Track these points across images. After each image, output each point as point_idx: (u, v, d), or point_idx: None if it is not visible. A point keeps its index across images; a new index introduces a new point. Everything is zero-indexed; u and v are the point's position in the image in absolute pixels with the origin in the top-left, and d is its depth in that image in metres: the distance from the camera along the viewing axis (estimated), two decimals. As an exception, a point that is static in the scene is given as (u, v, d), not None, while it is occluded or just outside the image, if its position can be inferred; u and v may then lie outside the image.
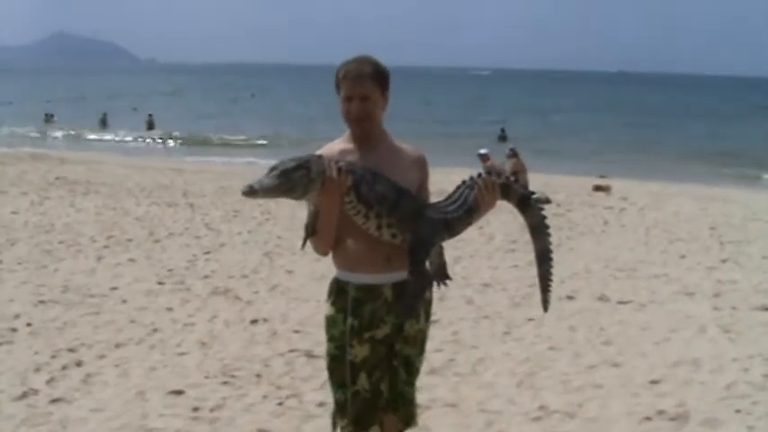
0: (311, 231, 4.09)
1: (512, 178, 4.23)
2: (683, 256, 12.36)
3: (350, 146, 4.18)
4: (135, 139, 42.11)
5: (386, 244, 4.04)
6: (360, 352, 4.09)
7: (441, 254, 4.38)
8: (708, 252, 12.74)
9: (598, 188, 20.83)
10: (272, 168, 3.82)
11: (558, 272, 10.99)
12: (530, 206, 4.26)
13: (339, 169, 3.87)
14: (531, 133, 43.87)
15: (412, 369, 4.29)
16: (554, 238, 13.14)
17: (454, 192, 4.13)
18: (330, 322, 4.20)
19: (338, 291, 4.19)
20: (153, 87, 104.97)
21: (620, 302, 9.61)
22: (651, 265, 11.69)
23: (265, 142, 39.98)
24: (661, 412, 6.30)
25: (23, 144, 35.03)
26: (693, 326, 8.68)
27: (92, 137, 42.86)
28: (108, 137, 42.92)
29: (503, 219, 13.71)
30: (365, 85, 4.07)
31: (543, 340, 8.15)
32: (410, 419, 4.33)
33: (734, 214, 16.85)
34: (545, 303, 4.47)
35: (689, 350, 7.85)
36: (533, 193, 4.36)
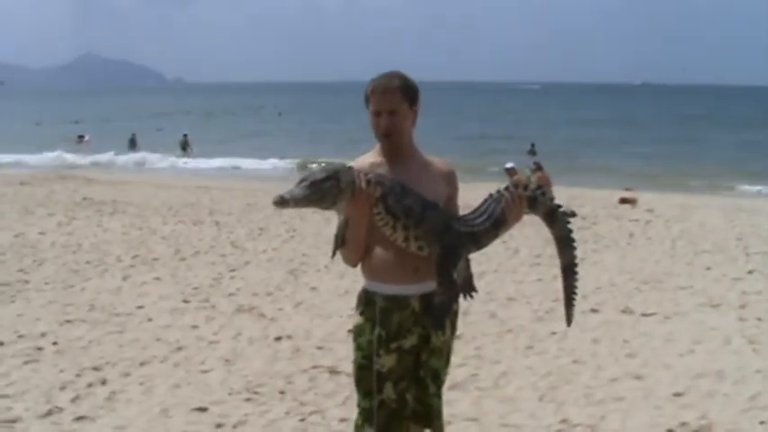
0: (341, 242, 4.17)
1: (539, 191, 4.28)
2: (708, 268, 12.29)
3: (380, 159, 4.26)
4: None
5: (414, 255, 4.11)
6: (387, 362, 4.16)
7: (468, 266, 4.44)
8: (734, 263, 12.66)
9: (624, 201, 20.74)
10: (303, 179, 3.90)
11: (582, 285, 10.97)
12: (557, 219, 4.36)
13: (368, 181, 3.95)
14: (559, 147, 43.82)
15: (438, 381, 4.34)
16: (579, 252, 13.10)
17: (481, 205, 4.21)
18: (358, 332, 4.27)
19: (367, 301, 4.27)
20: (180, 107, 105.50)
21: (645, 315, 9.58)
22: (676, 277, 11.63)
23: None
24: (684, 424, 6.29)
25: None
26: (718, 337, 8.65)
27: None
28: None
29: (527, 233, 13.70)
30: (393, 100, 4.15)
31: (566, 354, 8.14)
32: (435, 429, 4.37)
33: (761, 225, 16.71)
34: (569, 318, 4.59)
35: (713, 362, 7.82)
36: (560, 205, 4.45)
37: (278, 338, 8.60)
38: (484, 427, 6.31)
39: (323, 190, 3.87)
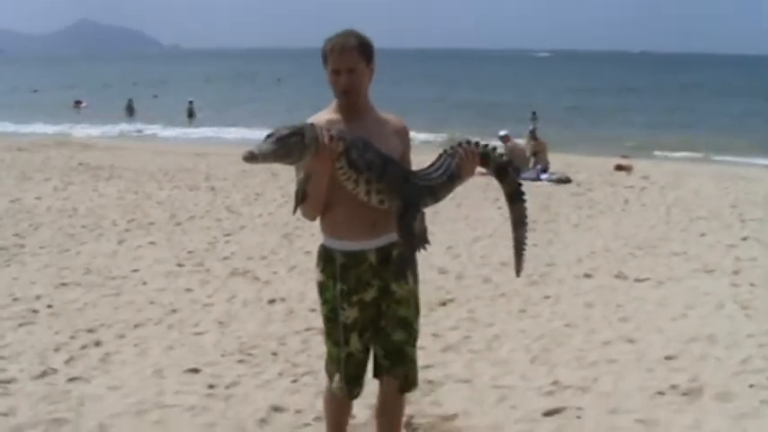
0: (302, 197, 4.24)
1: (489, 147, 4.42)
2: (703, 234, 12.31)
3: (336, 116, 4.34)
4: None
5: (371, 211, 4.22)
6: (350, 314, 4.37)
7: (422, 219, 4.48)
8: (728, 230, 12.67)
9: (619, 168, 20.73)
10: (269, 135, 3.95)
11: (576, 250, 11.06)
12: (507, 175, 4.48)
13: (331, 137, 4.01)
14: (559, 115, 43.93)
15: (410, 330, 4.50)
16: (573, 218, 13.19)
17: (437, 160, 4.34)
18: (322, 288, 4.46)
19: (327, 258, 4.42)
20: (178, 73, 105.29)
21: (638, 280, 9.61)
22: (671, 243, 11.65)
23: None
24: (674, 387, 6.31)
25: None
26: (711, 302, 8.66)
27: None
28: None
29: (523, 198, 13.68)
30: (351, 59, 4.22)
31: (559, 317, 8.17)
32: (408, 377, 4.56)
33: (756, 192, 16.71)
34: (518, 268, 4.68)
35: (705, 326, 7.84)
36: (511, 162, 4.62)
37: (272, 301, 8.64)
38: (476, 389, 6.33)
39: (289, 145, 3.93)
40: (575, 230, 12.48)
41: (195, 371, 6.62)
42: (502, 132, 20.38)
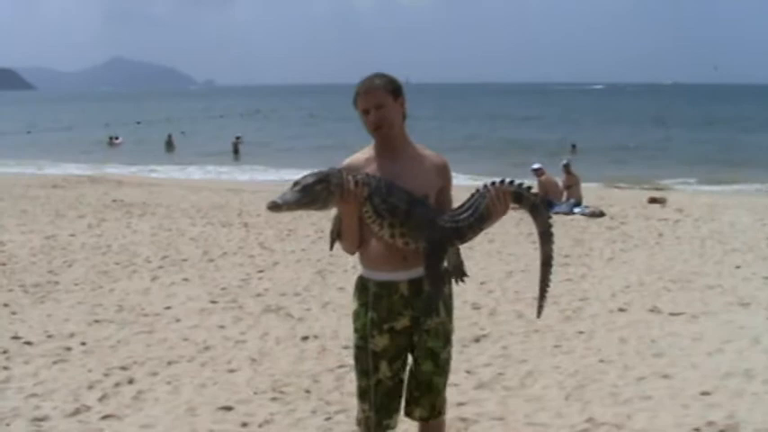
0: (336, 236, 4.52)
1: (523, 187, 4.41)
2: (738, 267, 12.20)
3: (374, 154, 4.48)
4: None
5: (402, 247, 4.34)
6: (380, 342, 4.46)
7: (458, 253, 4.64)
8: (764, 262, 12.55)
9: (653, 200, 20.64)
10: (295, 183, 4.09)
11: (610, 285, 11.00)
12: (540, 213, 4.48)
13: (356, 182, 4.14)
14: (598, 146, 44.08)
15: (439, 361, 4.54)
16: (607, 251, 13.14)
17: (468, 199, 4.36)
18: (355, 316, 4.59)
19: (361, 287, 4.57)
20: (210, 111, 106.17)
21: (673, 314, 9.52)
22: (705, 277, 11.55)
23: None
24: (711, 423, 6.23)
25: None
26: (747, 336, 8.57)
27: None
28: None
29: (557, 233, 13.59)
30: (377, 95, 4.37)
31: (593, 353, 8.10)
32: (435, 408, 4.61)
33: (792, 224, 16.60)
34: (540, 309, 4.64)
35: (742, 361, 7.75)
36: (544, 200, 4.76)
37: (305, 338, 8.62)
38: (510, 426, 6.28)
39: (314, 193, 4.08)
40: (608, 264, 12.40)
41: (228, 409, 6.61)
42: (535, 166, 20.39)
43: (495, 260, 12.76)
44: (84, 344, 8.35)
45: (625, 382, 7.25)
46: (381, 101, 4.35)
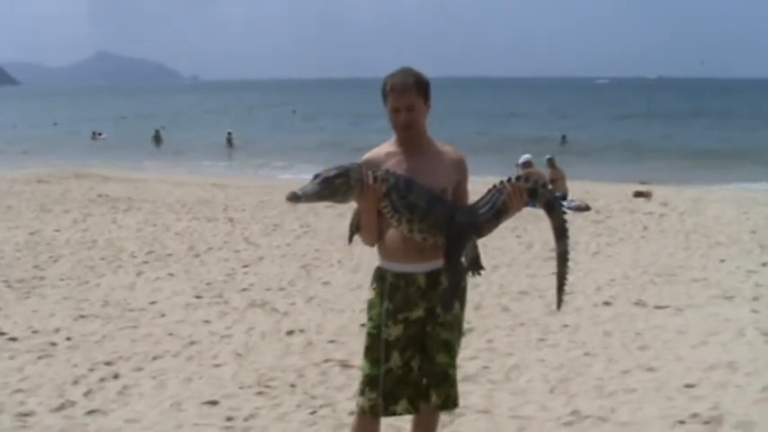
0: (355, 228, 4.66)
1: (539, 183, 4.58)
2: (722, 260, 12.24)
3: (395, 149, 4.64)
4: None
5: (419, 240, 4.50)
6: (394, 331, 4.58)
7: (475, 246, 4.74)
8: (748, 255, 12.60)
9: (639, 194, 20.69)
10: (316, 176, 4.25)
11: (595, 278, 11.01)
12: (555, 209, 4.64)
13: (375, 178, 4.28)
14: (588, 140, 44.40)
15: (452, 352, 4.69)
16: (592, 246, 13.16)
17: (485, 195, 4.52)
18: (370, 305, 4.73)
19: (379, 277, 4.70)
20: (198, 105, 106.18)
21: (658, 307, 9.54)
22: (690, 270, 11.58)
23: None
24: (695, 415, 6.26)
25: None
26: (731, 329, 8.61)
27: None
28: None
29: (542, 227, 13.67)
30: (410, 97, 4.52)
31: (578, 346, 8.13)
32: (450, 398, 4.71)
33: (776, 217, 16.65)
34: (559, 302, 4.90)
35: (726, 353, 7.79)
36: (557, 197, 4.83)
37: (290, 332, 8.62)
38: (495, 419, 6.30)
39: (334, 186, 4.23)
40: (594, 258, 12.42)
41: (213, 403, 6.61)
42: (524, 157, 20.24)
43: (481, 254, 12.74)
44: (69, 339, 8.33)
45: (610, 374, 7.28)
46: (413, 103, 4.52)
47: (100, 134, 53.75)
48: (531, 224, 14.75)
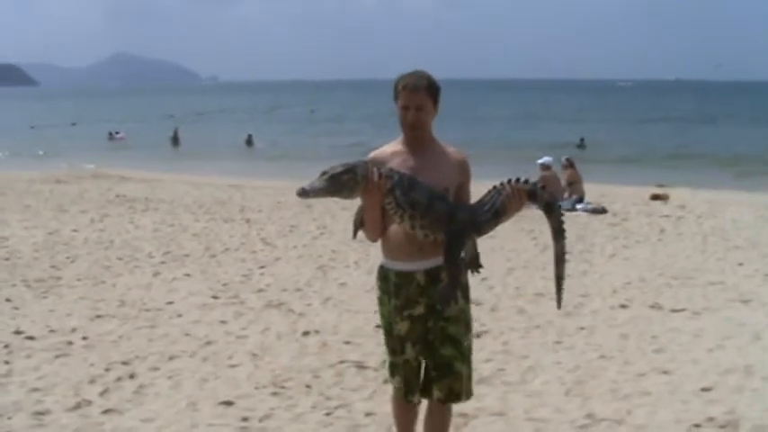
0: (359, 224, 4.82)
1: (538, 185, 4.73)
2: (740, 264, 12.19)
3: (401, 148, 4.79)
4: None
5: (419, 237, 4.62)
6: (402, 327, 4.80)
7: (474, 245, 4.89)
8: (765, 259, 12.52)
9: (656, 197, 20.62)
10: (323, 173, 4.39)
11: (611, 281, 10.98)
12: (553, 211, 4.82)
13: (380, 175, 4.41)
14: (607, 142, 44.37)
15: (461, 347, 4.82)
16: (609, 248, 13.12)
17: (485, 195, 4.65)
18: (379, 302, 4.96)
19: (383, 277, 4.90)
20: (216, 106, 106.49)
21: (674, 310, 9.52)
22: (707, 273, 11.54)
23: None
24: (710, 419, 6.25)
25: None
26: (748, 333, 8.58)
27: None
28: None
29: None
30: (420, 97, 4.67)
31: (594, 349, 8.11)
32: (453, 389, 4.84)
33: (794, 220, 16.56)
34: (559, 301, 4.96)
35: (742, 357, 7.76)
36: (556, 199, 5.02)
37: (306, 333, 8.63)
38: (510, 422, 6.30)
39: (341, 182, 4.38)
40: (610, 261, 12.40)
41: (229, 403, 6.63)
42: (544, 159, 20.17)
43: (497, 256, 12.74)
44: (85, 338, 8.37)
45: (625, 377, 7.26)
46: (423, 103, 4.66)
47: (117, 133, 53.90)
48: (546, 226, 14.68)
